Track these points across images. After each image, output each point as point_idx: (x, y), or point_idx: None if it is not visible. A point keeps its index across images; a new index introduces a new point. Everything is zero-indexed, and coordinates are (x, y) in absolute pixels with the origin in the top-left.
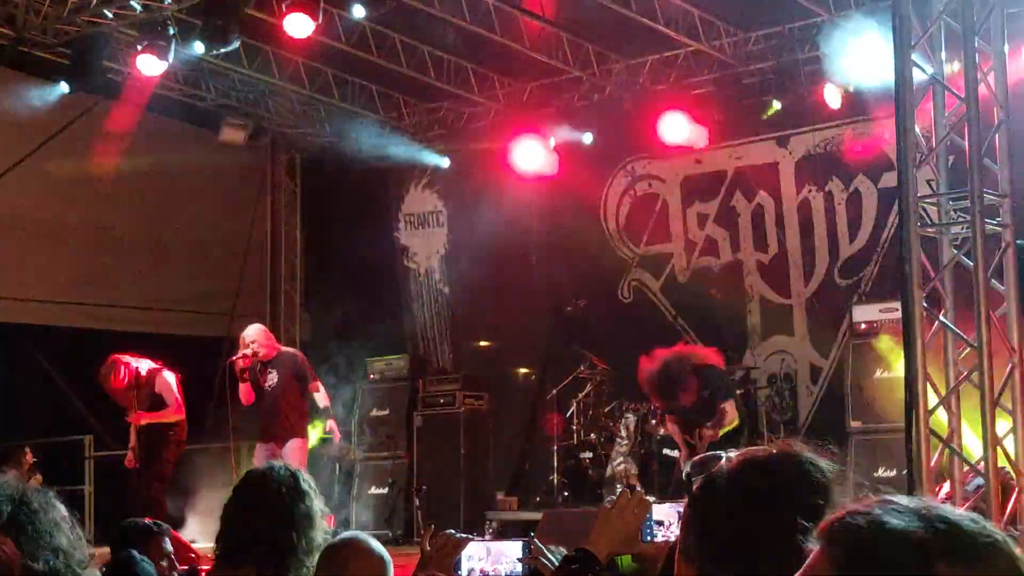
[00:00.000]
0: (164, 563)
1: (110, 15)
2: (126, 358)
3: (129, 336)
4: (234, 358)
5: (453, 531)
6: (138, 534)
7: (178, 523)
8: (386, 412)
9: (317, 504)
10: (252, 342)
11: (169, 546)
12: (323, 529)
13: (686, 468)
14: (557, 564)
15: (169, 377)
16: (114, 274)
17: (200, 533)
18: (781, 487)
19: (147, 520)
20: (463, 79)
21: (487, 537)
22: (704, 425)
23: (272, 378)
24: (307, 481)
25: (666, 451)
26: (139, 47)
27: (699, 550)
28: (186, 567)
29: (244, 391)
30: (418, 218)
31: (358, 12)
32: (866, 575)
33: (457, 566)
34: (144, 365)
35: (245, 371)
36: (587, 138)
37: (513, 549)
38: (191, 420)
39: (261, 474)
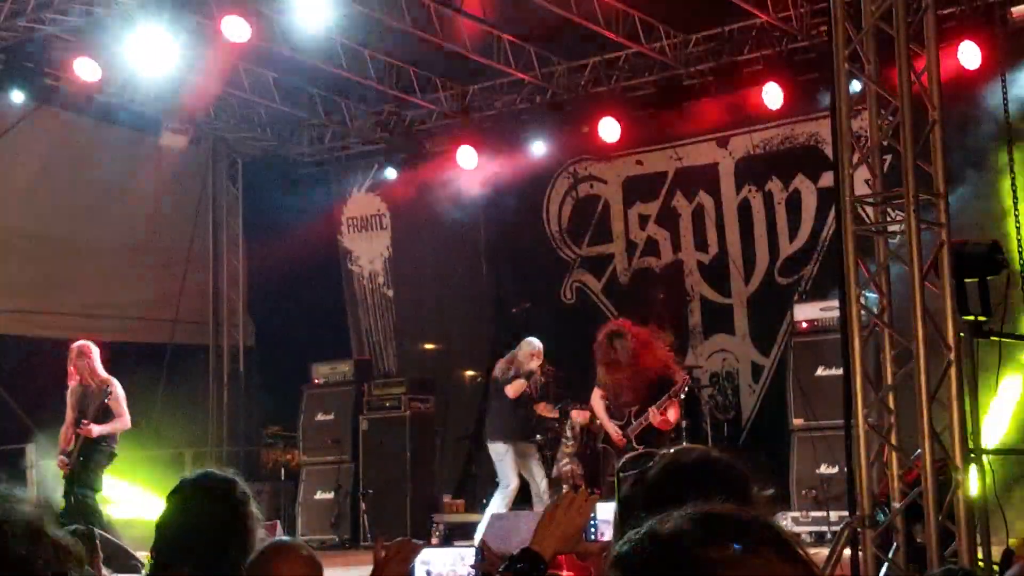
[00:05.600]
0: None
1: (48, 20)
2: (96, 351)
3: (70, 344)
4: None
5: (406, 538)
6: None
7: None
8: (331, 416)
9: (253, 510)
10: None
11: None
12: (259, 537)
13: (618, 464)
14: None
15: (120, 389)
16: (54, 281)
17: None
18: (701, 493)
19: (80, 527)
20: (405, 82)
21: (434, 540)
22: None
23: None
24: (242, 487)
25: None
26: (77, 52)
27: None
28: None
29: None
30: (361, 221)
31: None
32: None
33: (411, 573)
34: (101, 370)
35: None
36: (529, 140)
37: (467, 554)
38: (135, 426)
39: (194, 481)
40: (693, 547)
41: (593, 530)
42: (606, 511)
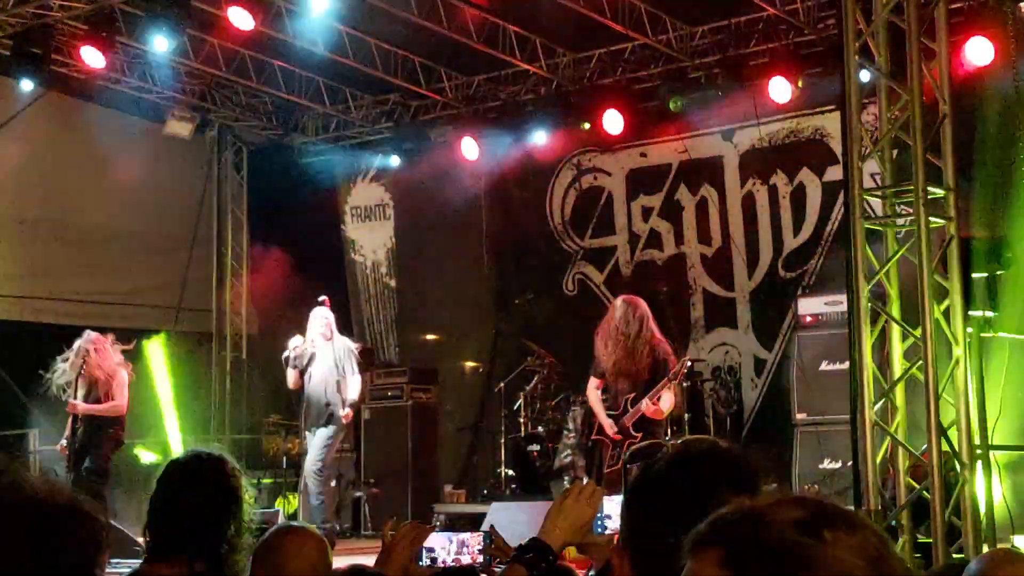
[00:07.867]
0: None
1: (56, 7)
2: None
3: (74, 330)
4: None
5: (416, 521)
6: None
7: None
8: None
9: (244, 484)
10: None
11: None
12: (251, 508)
13: (625, 456)
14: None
15: (125, 376)
16: (59, 267)
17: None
18: (711, 484)
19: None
20: (410, 72)
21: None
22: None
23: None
24: (231, 463)
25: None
26: (84, 39)
27: (631, 542)
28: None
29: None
30: (364, 211)
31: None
32: (760, 560)
33: (419, 556)
34: (112, 359)
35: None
36: (533, 131)
37: (475, 540)
38: (137, 415)
39: (185, 462)
40: (816, 525)
41: (600, 523)
42: (608, 503)
